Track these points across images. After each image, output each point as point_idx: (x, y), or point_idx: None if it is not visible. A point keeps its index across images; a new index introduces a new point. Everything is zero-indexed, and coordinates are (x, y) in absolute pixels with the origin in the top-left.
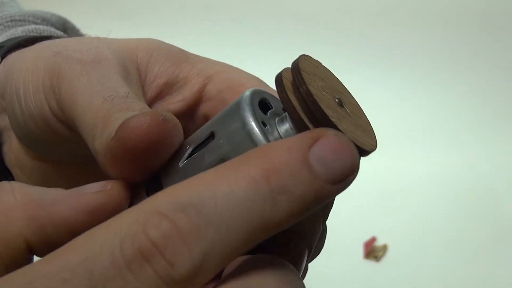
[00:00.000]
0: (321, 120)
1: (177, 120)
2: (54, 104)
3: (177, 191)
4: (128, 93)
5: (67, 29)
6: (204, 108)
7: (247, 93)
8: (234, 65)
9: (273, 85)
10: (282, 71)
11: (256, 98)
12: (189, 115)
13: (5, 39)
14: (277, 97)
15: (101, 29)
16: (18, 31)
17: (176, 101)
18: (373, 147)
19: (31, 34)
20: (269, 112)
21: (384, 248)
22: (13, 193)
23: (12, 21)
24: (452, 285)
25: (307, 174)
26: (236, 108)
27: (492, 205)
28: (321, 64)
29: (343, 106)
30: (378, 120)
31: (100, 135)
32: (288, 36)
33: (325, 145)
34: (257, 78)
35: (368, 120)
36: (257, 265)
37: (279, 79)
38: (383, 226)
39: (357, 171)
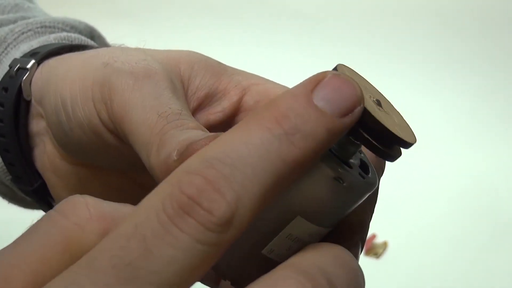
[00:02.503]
0: (373, 126)
1: None
2: (105, 116)
3: (202, 152)
4: (181, 110)
5: (94, 37)
6: (241, 119)
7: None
8: (238, 63)
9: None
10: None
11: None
12: (228, 126)
13: (37, 45)
14: None
15: (102, 29)
16: (51, 38)
17: (216, 111)
18: (413, 140)
19: (64, 41)
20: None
21: (384, 245)
22: (88, 207)
23: (42, 27)
24: (452, 282)
25: (314, 112)
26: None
27: (492, 204)
28: (353, 70)
29: (381, 107)
30: None
31: (157, 152)
32: (291, 35)
33: (326, 85)
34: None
35: (402, 117)
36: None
37: None
38: (383, 223)
39: (363, 102)
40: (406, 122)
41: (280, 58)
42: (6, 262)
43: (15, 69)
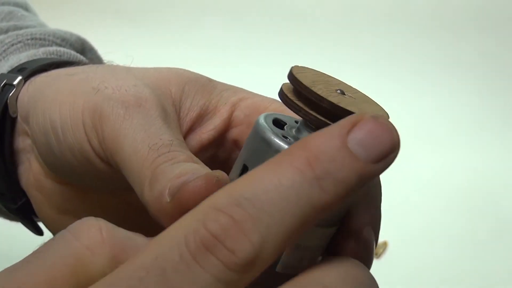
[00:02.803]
0: (333, 111)
1: (227, 176)
2: (96, 143)
3: (230, 188)
4: (172, 140)
5: (85, 49)
6: (233, 134)
7: (260, 117)
8: (238, 63)
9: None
10: (281, 86)
11: (269, 119)
12: (220, 142)
13: (26, 59)
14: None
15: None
16: (40, 52)
17: (208, 130)
18: (386, 115)
19: (52, 56)
20: (285, 127)
21: (384, 245)
22: (101, 231)
23: (33, 39)
24: (452, 282)
25: (348, 157)
26: (256, 134)
27: (492, 204)
28: (308, 68)
29: (345, 94)
30: None
31: (149, 186)
32: (288, 36)
33: (363, 129)
34: (278, 101)
35: (369, 97)
36: (323, 262)
37: (281, 93)
38: (383, 223)
39: (398, 148)
40: (374, 101)
41: (280, 59)
42: (16, 280)
43: (2, 84)
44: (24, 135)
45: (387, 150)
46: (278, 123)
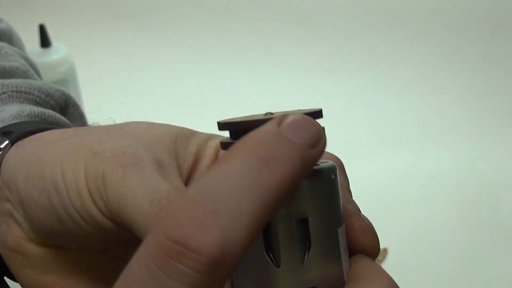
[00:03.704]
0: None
1: None
2: (101, 205)
3: (183, 192)
4: (169, 190)
5: (69, 105)
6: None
7: None
8: (238, 64)
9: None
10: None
11: None
12: None
13: (10, 118)
14: None
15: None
16: (25, 113)
17: (203, 172)
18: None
19: (37, 119)
20: None
21: (385, 252)
22: None
23: (18, 91)
24: (453, 285)
25: (286, 142)
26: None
27: (492, 206)
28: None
29: (273, 113)
30: (377, 119)
31: None
32: (289, 36)
33: (290, 121)
34: None
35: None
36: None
37: (221, 145)
38: (383, 230)
39: (324, 136)
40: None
41: (281, 59)
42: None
43: None
44: (3, 199)
45: (316, 136)
46: None
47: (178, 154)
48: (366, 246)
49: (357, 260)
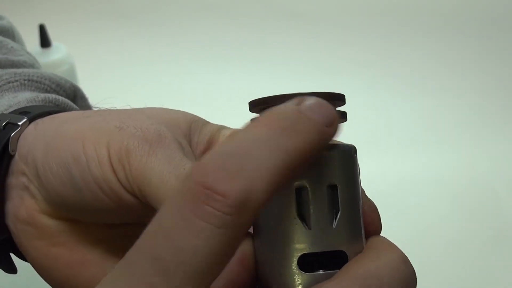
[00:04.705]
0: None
1: None
2: (122, 176)
3: (212, 149)
4: (192, 167)
5: (77, 97)
6: None
7: None
8: (238, 64)
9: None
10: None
11: None
12: None
13: (25, 102)
14: None
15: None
16: (39, 98)
17: None
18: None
19: (50, 104)
20: None
21: None
22: None
23: (29, 80)
24: (453, 286)
25: (304, 118)
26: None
27: (492, 205)
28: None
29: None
30: (377, 119)
31: None
32: (288, 36)
33: (309, 101)
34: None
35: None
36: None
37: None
38: (383, 228)
39: (337, 119)
40: None
41: (280, 59)
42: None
43: (4, 123)
44: (18, 173)
45: (332, 117)
46: None
47: (191, 139)
48: (372, 224)
49: (371, 236)
